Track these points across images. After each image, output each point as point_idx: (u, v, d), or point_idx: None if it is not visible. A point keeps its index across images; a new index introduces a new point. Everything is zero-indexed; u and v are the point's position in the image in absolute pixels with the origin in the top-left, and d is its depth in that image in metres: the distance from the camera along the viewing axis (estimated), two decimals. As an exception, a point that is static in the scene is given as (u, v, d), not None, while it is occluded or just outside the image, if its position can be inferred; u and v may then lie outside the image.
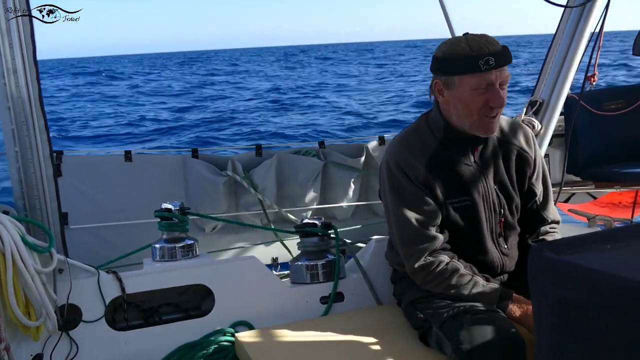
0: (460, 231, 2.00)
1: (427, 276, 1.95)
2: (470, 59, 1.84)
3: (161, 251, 2.47)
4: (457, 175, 1.98)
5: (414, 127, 2.08)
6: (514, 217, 2.08)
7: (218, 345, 2.24)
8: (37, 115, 2.17)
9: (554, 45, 3.20)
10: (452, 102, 1.93)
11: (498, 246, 2.04)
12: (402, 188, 1.97)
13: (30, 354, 2.06)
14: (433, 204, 1.96)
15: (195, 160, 3.50)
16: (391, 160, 2.00)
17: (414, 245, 1.96)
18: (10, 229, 1.87)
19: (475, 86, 1.86)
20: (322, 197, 3.75)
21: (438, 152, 1.99)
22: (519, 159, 2.07)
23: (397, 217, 1.99)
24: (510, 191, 2.05)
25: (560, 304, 1.02)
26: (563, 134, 3.84)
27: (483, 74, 1.84)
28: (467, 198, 1.99)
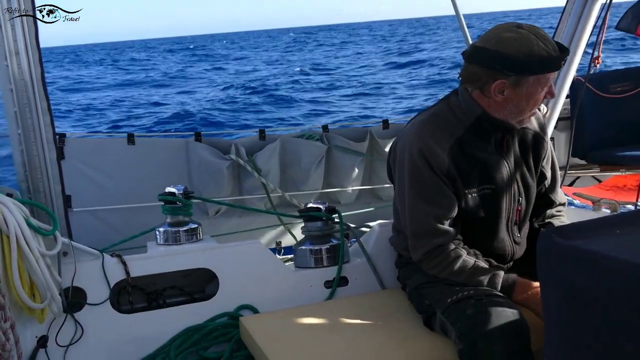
0: (476, 219, 1.96)
1: (431, 262, 1.94)
2: (555, 59, 1.78)
3: (165, 235, 2.47)
4: (481, 163, 1.93)
5: (436, 112, 1.98)
6: (530, 204, 2.05)
7: (222, 329, 2.25)
8: (40, 98, 2.15)
9: (560, 27, 3.16)
10: (516, 101, 1.84)
11: (511, 235, 2.02)
12: (423, 180, 1.91)
13: (35, 335, 2.07)
14: (452, 196, 1.91)
15: (199, 144, 3.49)
16: (415, 147, 1.91)
17: (426, 239, 1.93)
18: (14, 212, 1.87)
19: (546, 84, 1.82)
20: (325, 182, 3.75)
21: (463, 140, 1.92)
22: (534, 143, 2.04)
23: (413, 208, 1.95)
24: (528, 178, 2.02)
25: (569, 289, 1.01)
26: (568, 117, 3.82)
27: (550, 73, 1.81)
28: (488, 187, 1.94)
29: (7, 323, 1.50)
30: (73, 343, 2.10)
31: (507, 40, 1.77)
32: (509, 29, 1.80)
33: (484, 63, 1.82)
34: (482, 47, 1.82)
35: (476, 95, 1.89)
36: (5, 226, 1.83)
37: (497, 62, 1.78)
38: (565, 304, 1.02)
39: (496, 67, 1.79)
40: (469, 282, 1.88)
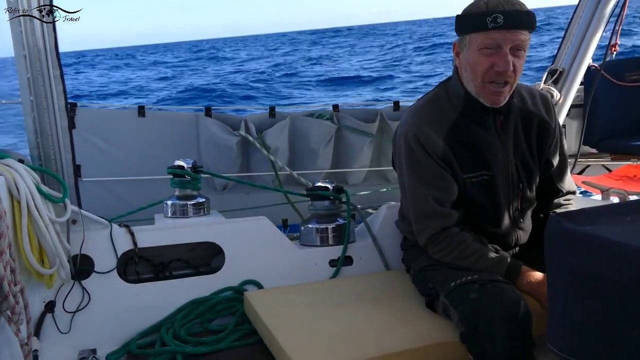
0: (478, 206, 1.96)
1: (437, 246, 1.94)
2: (480, 15, 1.76)
3: (173, 207, 2.48)
4: (477, 148, 1.93)
5: (432, 97, 2.00)
6: (533, 191, 2.03)
7: (226, 302, 2.27)
8: (53, 65, 2.16)
9: (577, 13, 3.11)
10: (464, 65, 1.87)
11: (515, 221, 2.01)
12: (420, 164, 1.92)
13: (43, 300, 2.10)
14: (450, 180, 1.92)
15: (209, 119, 3.48)
16: (409, 132, 1.93)
17: (428, 222, 1.93)
18: (25, 178, 1.88)
19: (482, 46, 1.78)
20: (334, 161, 3.74)
21: (458, 124, 1.92)
22: (539, 129, 2.01)
23: (413, 193, 1.96)
24: (531, 165, 2.00)
25: (576, 273, 1.01)
26: (581, 105, 3.78)
27: (490, 33, 1.76)
28: (486, 172, 1.94)
29: (17, 287, 1.53)
30: (80, 309, 2.14)
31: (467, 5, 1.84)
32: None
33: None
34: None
35: (457, 66, 1.93)
36: (17, 191, 1.84)
37: (455, 23, 1.87)
38: (571, 288, 1.02)
39: (456, 29, 1.88)
40: (474, 267, 1.88)
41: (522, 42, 1.79)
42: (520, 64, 1.81)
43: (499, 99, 1.86)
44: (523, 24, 1.77)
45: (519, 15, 1.76)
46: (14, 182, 1.85)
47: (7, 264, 1.46)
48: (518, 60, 1.80)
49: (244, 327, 2.13)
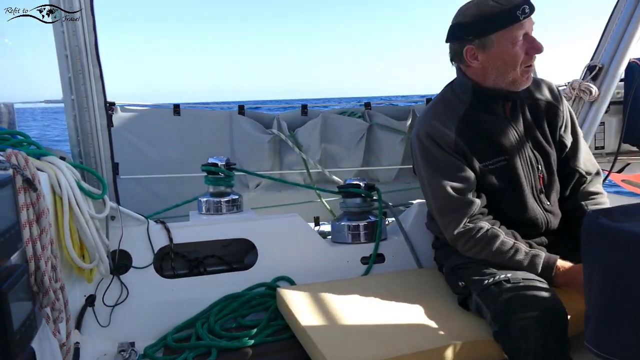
0: (500, 192, 1.97)
1: (467, 243, 1.93)
2: (507, 12, 1.83)
3: (207, 204, 2.53)
4: (490, 135, 1.96)
5: (439, 98, 2.08)
6: (552, 171, 2.04)
7: (260, 298, 2.30)
8: (93, 64, 2.22)
9: (618, 8, 3.03)
10: (492, 63, 1.90)
11: (540, 203, 2.00)
12: (434, 157, 1.96)
13: (84, 294, 2.17)
14: (467, 169, 1.94)
15: (242, 117, 3.53)
16: (421, 131, 1.99)
17: (452, 214, 1.94)
18: (67, 174, 1.94)
19: (516, 39, 1.86)
20: (365, 159, 3.74)
21: (467, 115, 1.97)
22: (548, 112, 2.06)
23: (432, 187, 1.98)
24: (545, 146, 2.03)
25: (613, 271, 1.00)
26: (621, 101, 3.67)
27: (520, 24, 1.84)
28: (503, 158, 1.96)
29: (57, 283, 1.57)
30: (119, 303, 2.20)
31: (464, 9, 1.93)
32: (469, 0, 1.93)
33: (453, 37, 1.96)
34: (450, 25, 1.97)
35: (463, 69, 1.99)
36: (59, 188, 1.90)
37: (458, 31, 1.93)
38: (608, 285, 1.01)
39: (462, 37, 1.93)
40: (508, 264, 1.86)
41: (533, 25, 1.91)
42: None
43: (529, 80, 1.96)
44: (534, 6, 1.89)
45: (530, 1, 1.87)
46: (57, 178, 1.91)
47: (49, 260, 1.51)
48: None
49: (276, 322, 2.15)
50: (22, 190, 1.45)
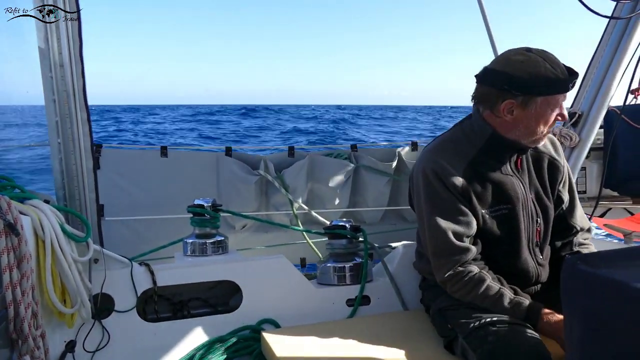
0: (496, 240, 1.97)
1: (455, 285, 1.93)
2: (562, 81, 1.83)
3: (192, 246, 2.52)
4: (495, 183, 1.96)
5: (450, 137, 2.04)
6: (549, 226, 2.05)
7: (244, 342, 2.27)
8: (80, 108, 2.23)
9: (597, 57, 3.13)
10: (525, 121, 1.89)
11: (534, 256, 2.01)
12: (439, 197, 1.94)
13: (64, 340, 2.12)
14: (469, 214, 1.93)
15: (229, 159, 3.55)
16: (427, 167, 1.96)
17: (447, 257, 1.93)
18: (50, 218, 1.93)
19: (555, 106, 1.87)
20: (352, 200, 3.77)
21: (476, 160, 1.96)
22: (550, 167, 2.07)
23: (431, 227, 1.96)
24: (545, 200, 2.04)
25: (593, 318, 1.00)
26: (601, 147, 3.76)
27: (561, 94, 1.86)
28: (505, 207, 1.96)
29: (38, 330, 1.55)
30: (100, 349, 2.15)
31: (515, 62, 1.84)
32: (518, 52, 1.87)
33: (493, 83, 1.89)
34: (491, 69, 1.91)
35: (487, 115, 1.95)
36: (42, 231, 1.89)
37: (505, 83, 1.85)
38: (588, 333, 1.01)
39: (504, 87, 1.85)
40: (493, 308, 1.87)
41: None
42: None
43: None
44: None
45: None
46: (40, 222, 1.90)
47: (29, 306, 1.49)
48: None
49: (261, 367, 2.12)
50: (2, 234, 1.44)
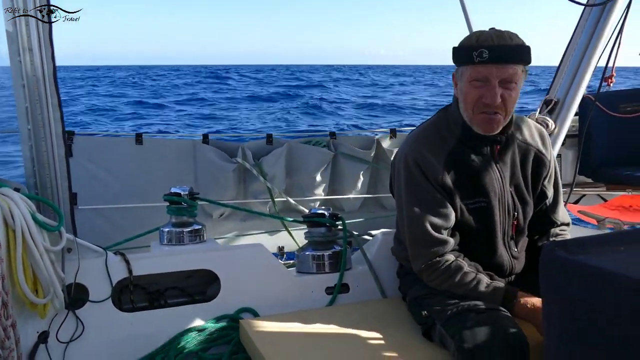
0: (473, 233, 1.97)
1: (432, 274, 1.94)
2: (468, 49, 1.82)
3: (169, 235, 2.48)
4: (474, 175, 1.95)
5: (432, 124, 2.03)
6: (526, 220, 2.05)
7: (222, 331, 2.25)
8: (51, 94, 2.17)
9: (572, 44, 3.16)
10: (459, 95, 1.91)
11: (509, 249, 2.02)
12: (419, 187, 1.94)
13: (36, 330, 2.07)
14: (448, 206, 1.93)
15: (206, 146, 3.50)
16: (409, 156, 1.95)
17: (424, 248, 1.94)
18: (21, 206, 1.88)
19: (471, 78, 1.84)
20: (330, 188, 3.75)
21: (456, 151, 1.95)
22: (536, 161, 2.04)
23: (410, 217, 1.96)
24: (525, 194, 2.03)
25: (571, 303, 1.01)
26: (576, 135, 3.81)
27: (477, 67, 1.81)
28: (483, 199, 1.95)
29: (8, 320, 1.51)
30: (73, 340, 2.11)
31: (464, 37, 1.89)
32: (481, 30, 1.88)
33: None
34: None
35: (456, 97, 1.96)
36: (12, 220, 1.84)
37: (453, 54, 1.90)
38: (566, 318, 1.02)
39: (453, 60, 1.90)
40: (470, 295, 1.88)
41: (511, 76, 1.82)
42: (511, 95, 1.84)
43: (490, 126, 1.89)
44: (511, 59, 1.81)
45: (505, 50, 1.79)
46: (9, 210, 1.84)
47: None
48: (509, 92, 1.83)
49: (239, 356, 2.11)
50: (-30, 223, 1.39)
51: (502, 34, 1.81)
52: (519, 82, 1.86)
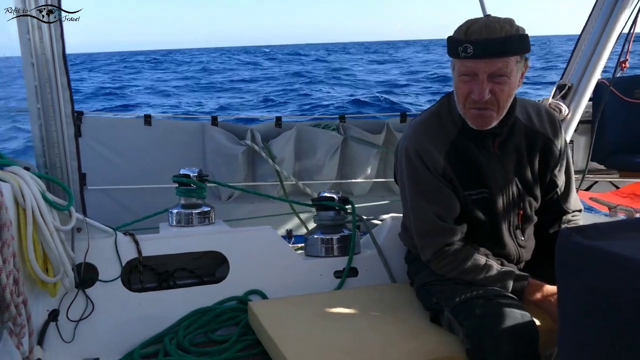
0: (478, 223, 1.95)
1: (441, 262, 1.92)
2: (454, 43, 1.75)
3: (178, 216, 2.48)
4: (476, 166, 1.91)
5: (435, 112, 1.98)
6: (533, 209, 2.01)
7: (231, 312, 2.26)
8: (60, 73, 2.16)
9: (587, 28, 3.10)
10: (454, 87, 1.86)
11: (515, 239, 2.00)
12: (421, 179, 1.91)
13: (46, 309, 2.09)
14: (452, 195, 1.90)
15: (215, 128, 3.49)
16: (410, 148, 1.92)
17: (431, 238, 1.92)
18: (31, 185, 1.88)
19: (460, 73, 1.78)
20: (340, 172, 3.74)
21: (458, 141, 1.91)
22: (544, 150, 1.98)
23: (415, 208, 1.95)
24: (531, 183, 1.98)
25: (587, 289, 1.00)
26: (590, 120, 3.76)
27: (464, 62, 1.74)
28: (486, 190, 1.92)
29: (19, 298, 1.51)
30: (83, 318, 2.12)
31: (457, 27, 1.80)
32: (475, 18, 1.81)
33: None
34: None
35: None
36: (22, 199, 1.84)
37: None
38: (582, 304, 1.00)
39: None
40: (480, 282, 1.86)
41: (501, 69, 1.73)
42: (503, 89, 1.76)
43: (483, 122, 1.83)
44: (498, 52, 1.71)
45: (492, 44, 1.70)
46: (20, 189, 1.84)
47: (10, 274, 1.45)
48: (500, 86, 1.75)
49: (247, 337, 2.11)
50: (-20, 201, 1.39)
51: (493, 24, 1.71)
52: (513, 73, 1.76)
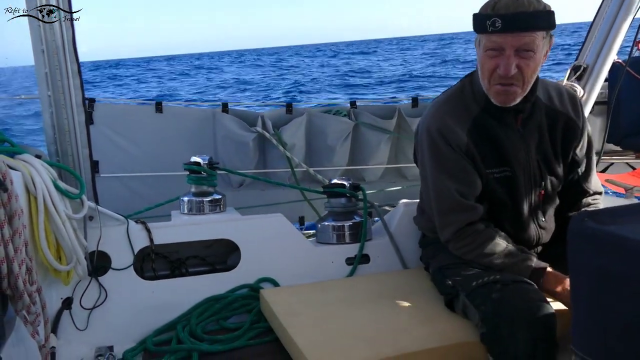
0: (499, 203, 1.93)
1: (461, 242, 1.90)
2: (482, 18, 1.73)
3: (189, 204, 2.48)
4: (499, 144, 1.89)
5: (457, 90, 1.97)
6: (555, 189, 1.99)
7: (242, 300, 2.26)
8: (71, 60, 2.16)
9: (603, 8, 3.04)
10: (478, 64, 1.85)
11: (536, 219, 1.98)
12: (443, 156, 1.89)
13: (60, 297, 2.11)
14: (474, 173, 1.88)
15: (225, 115, 3.48)
16: (432, 126, 1.91)
17: (453, 216, 1.90)
18: (42, 173, 1.88)
19: (486, 48, 1.76)
20: (351, 158, 3.72)
21: (480, 119, 1.89)
22: (565, 128, 1.96)
23: (436, 186, 1.93)
24: (553, 163, 1.96)
25: (599, 273, 0.98)
26: (605, 102, 3.69)
27: (491, 36, 1.73)
28: (508, 169, 1.90)
29: (33, 286, 1.51)
30: (97, 306, 2.14)
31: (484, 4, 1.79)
32: None
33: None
34: None
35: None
36: (34, 187, 1.84)
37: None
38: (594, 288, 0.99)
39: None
40: (498, 266, 1.84)
41: (528, 44, 1.72)
42: (529, 64, 1.75)
43: (507, 98, 1.82)
44: (526, 26, 1.70)
45: (520, 18, 1.69)
46: (31, 177, 1.85)
47: (23, 262, 1.46)
48: (526, 61, 1.74)
49: (259, 325, 2.12)
50: (-9, 190, 1.39)
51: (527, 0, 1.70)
52: (539, 49, 1.75)
